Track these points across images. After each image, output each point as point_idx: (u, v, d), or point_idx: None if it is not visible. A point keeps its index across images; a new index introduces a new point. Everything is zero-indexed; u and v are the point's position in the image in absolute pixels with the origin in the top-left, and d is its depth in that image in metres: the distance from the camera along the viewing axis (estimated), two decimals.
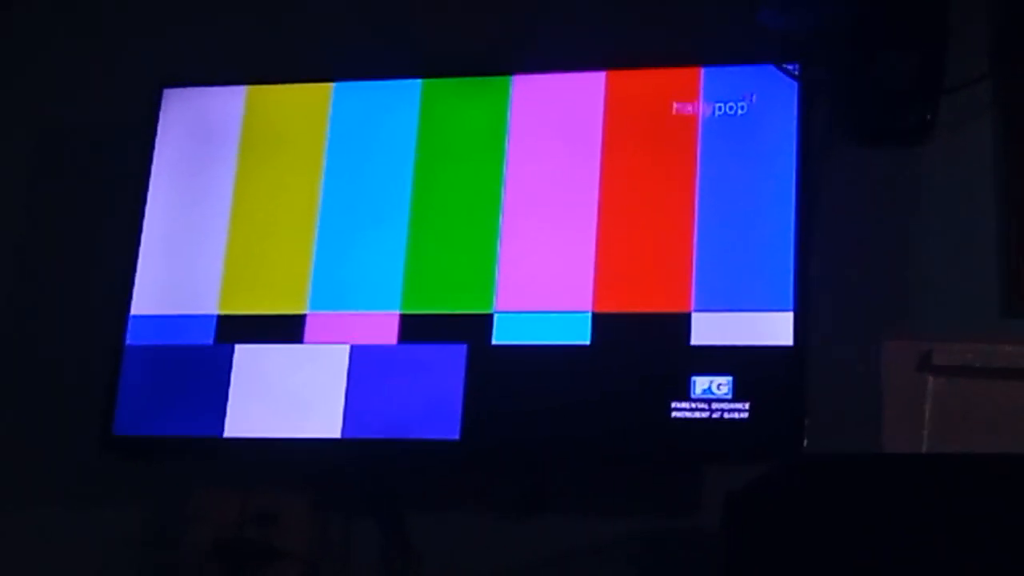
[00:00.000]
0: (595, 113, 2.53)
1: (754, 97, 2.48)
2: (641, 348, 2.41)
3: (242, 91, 2.68)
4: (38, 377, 2.77)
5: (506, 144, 2.55)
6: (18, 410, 2.77)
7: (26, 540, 2.68)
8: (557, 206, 2.50)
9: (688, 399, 2.37)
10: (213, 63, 2.80)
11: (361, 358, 2.50)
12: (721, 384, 2.36)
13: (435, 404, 2.45)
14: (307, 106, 2.65)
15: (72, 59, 2.94)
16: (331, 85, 2.65)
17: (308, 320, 2.54)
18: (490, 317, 2.47)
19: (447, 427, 2.43)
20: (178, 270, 2.62)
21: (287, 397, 2.51)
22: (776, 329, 2.36)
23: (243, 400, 2.52)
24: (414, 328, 2.50)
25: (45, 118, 2.91)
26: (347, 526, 2.54)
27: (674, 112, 2.50)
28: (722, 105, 2.49)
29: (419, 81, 2.61)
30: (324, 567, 2.50)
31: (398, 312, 2.51)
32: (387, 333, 2.50)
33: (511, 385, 2.44)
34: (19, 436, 2.75)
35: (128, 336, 2.59)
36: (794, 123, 2.44)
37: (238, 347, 2.55)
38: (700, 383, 2.37)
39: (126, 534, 2.63)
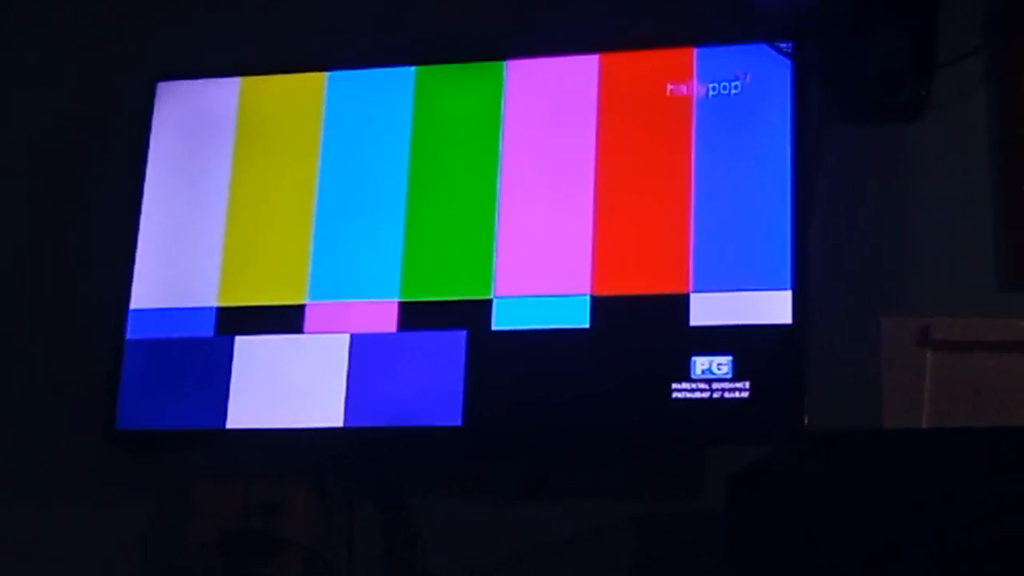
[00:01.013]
0: (589, 96, 2.53)
1: (748, 76, 2.47)
2: (640, 330, 2.42)
3: (236, 83, 2.68)
4: (39, 374, 2.77)
5: (501, 129, 2.55)
6: (20, 407, 2.77)
7: (31, 535, 2.68)
8: (553, 190, 2.50)
9: (688, 380, 2.37)
10: (206, 55, 2.80)
11: (361, 346, 2.50)
12: (721, 364, 2.37)
13: (436, 391, 2.45)
14: (301, 96, 2.65)
15: (65, 53, 2.94)
16: (325, 74, 2.65)
17: (307, 310, 2.54)
18: (489, 303, 2.48)
19: (449, 413, 2.44)
20: (176, 263, 2.62)
21: (288, 387, 2.51)
22: (775, 308, 2.36)
23: (244, 391, 2.53)
24: (413, 315, 2.50)
25: (38, 113, 2.91)
26: (350, 514, 2.55)
27: (668, 93, 2.50)
28: (716, 85, 2.49)
29: (412, 68, 2.61)
30: (328, 555, 2.51)
31: (397, 300, 2.51)
32: (386, 321, 2.50)
33: (512, 370, 2.44)
34: (22, 433, 2.75)
35: (128, 330, 2.59)
36: (788, 102, 2.44)
37: (238, 339, 2.55)
38: (700, 363, 2.37)
39: (131, 527, 2.64)
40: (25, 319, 2.82)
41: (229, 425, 2.51)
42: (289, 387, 2.51)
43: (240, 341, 2.55)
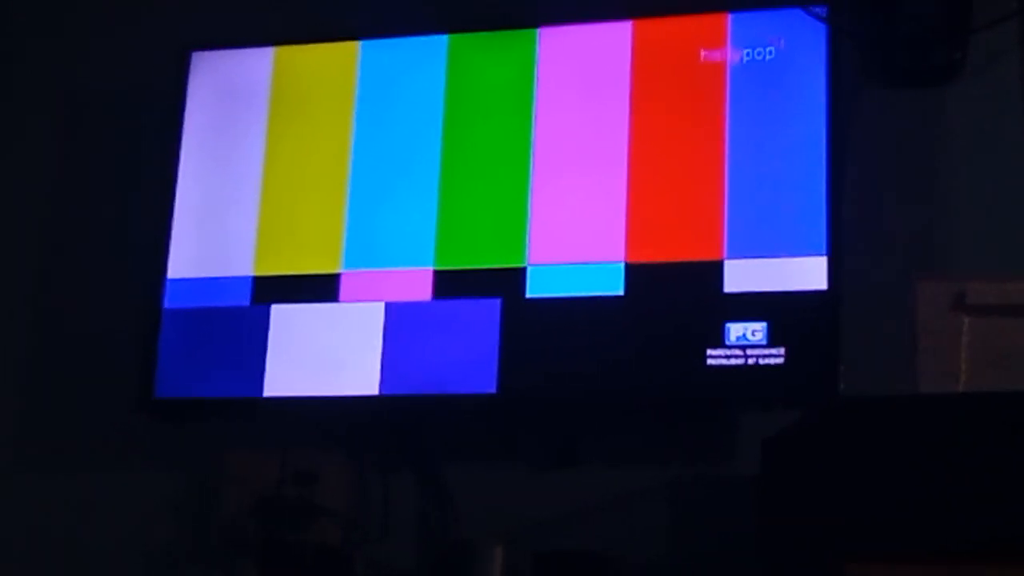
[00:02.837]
0: (623, 63, 2.52)
1: (782, 41, 2.46)
2: (675, 297, 2.41)
3: (269, 52, 2.68)
4: (79, 344, 2.79)
5: (534, 97, 2.54)
6: (61, 377, 2.79)
7: (70, 503, 2.71)
8: (587, 157, 2.50)
9: (723, 346, 2.37)
10: (240, 25, 2.80)
11: (396, 315, 2.51)
12: (756, 330, 2.36)
13: (471, 359, 2.46)
14: (335, 65, 2.65)
15: (99, 25, 2.95)
16: (358, 43, 2.65)
17: (343, 279, 2.55)
18: (523, 271, 2.48)
19: (483, 381, 2.44)
20: (212, 233, 2.63)
21: (324, 356, 2.52)
22: (810, 274, 2.36)
23: (281, 360, 2.54)
24: (448, 284, 2.50)
25: (74, 85, 2.93)
26: (385, 482, 2.56)
27: (702, 59, 2.49)
28: (750, 51, 2.48)
29: (445, 36, 2.61)
30: (364, 523, 2.52)
31: (432, 268, 2.52)
32: (421, 289, 2.51)
33: (546, 338, 2.45)
34: (62, 402, 2.77)
35: (166, 300, 2.61)
36: (823, 66, 2.43)
37: (274, 307, 2.56)
38: (735, 330, 2.37)
39: (168, 496, 2.66)
40: (63, 290, 2.84)
41: (266, 393, 2.53)
42: (325, 356, 2.52)
43: (276, 310, 2.56)
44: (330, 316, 2.54)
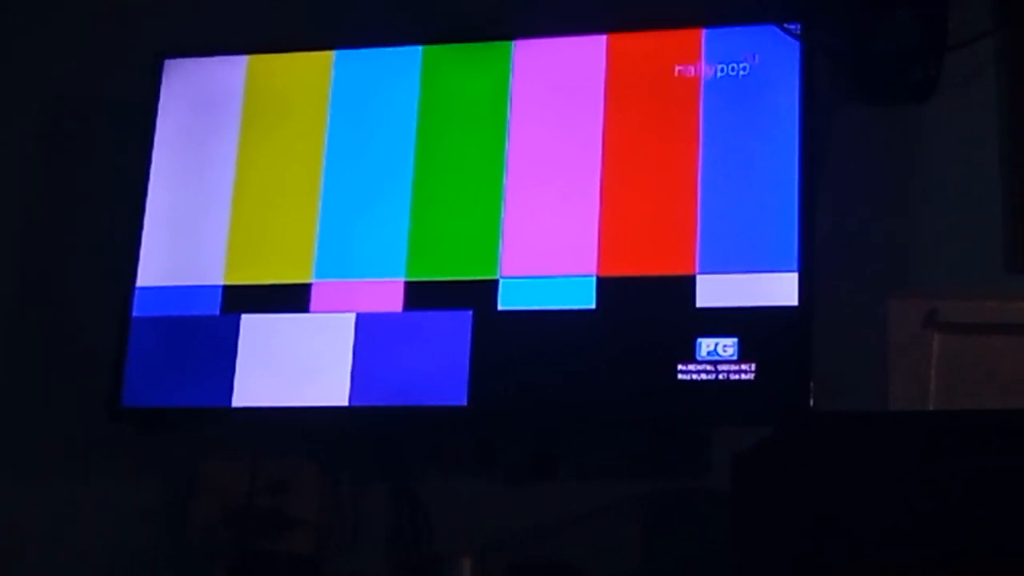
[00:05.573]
0: (597, 76, 2.53)
1: (756, 57, 2.47)
2: (646, 311, 2.42)
3: (243, 60, 2.68)
4: (47, 350, 2.78)
5: (508, 109, 2.54)
6: (28, 383, 2.78)
7: (38, 512, 2.69)
8: (560, 171, 2.50)
9: (694, 361, 2.37)
10: (213, 33, 2.80)
11: (367, 326, 2.50)
12: (727, 346, 2.37)
13: (442, 370, 2.45)
14: (309, 74, 2.65)
15: (72, 31, 2.94)
16: (332, 53, 2.65)
17: (314, 289, 2.54)
18: (495, 283, 2.48)
19: (454, 393, 2.44)
20: (183, 241, 2.62)
21: (294, 366, 2.52)
22: (781, 289, 2.36)
23: (251, 369, 2.53)
24: (419, 295, 2.50)
25: (46, 91, 2.92)
26: (357, 492, 2.56)
27: (676, 74, 2.50)
28: (724, 66, 2.48)
29: (420, 48, 2.61)
30: (335, 533, 2.51)
31: (403, 279, 2.51)
32: (392, 301, 2.51)
33: (517, 350, 2.44)
34: (29, 409, 2.76)
35: (135, 308, 2.60)
36: (797, 83, 2.44)
37: (244, 317, 2.56)
38: (706, 345, 2.37)
39: (137, 505, 2.64)
40: (32, 296, 2.82)
41: (235, 403, 2.52)
42: (295, 366, 2.52)
43: (246, 319, 2.55)
44: (300, 326, 2.53)
